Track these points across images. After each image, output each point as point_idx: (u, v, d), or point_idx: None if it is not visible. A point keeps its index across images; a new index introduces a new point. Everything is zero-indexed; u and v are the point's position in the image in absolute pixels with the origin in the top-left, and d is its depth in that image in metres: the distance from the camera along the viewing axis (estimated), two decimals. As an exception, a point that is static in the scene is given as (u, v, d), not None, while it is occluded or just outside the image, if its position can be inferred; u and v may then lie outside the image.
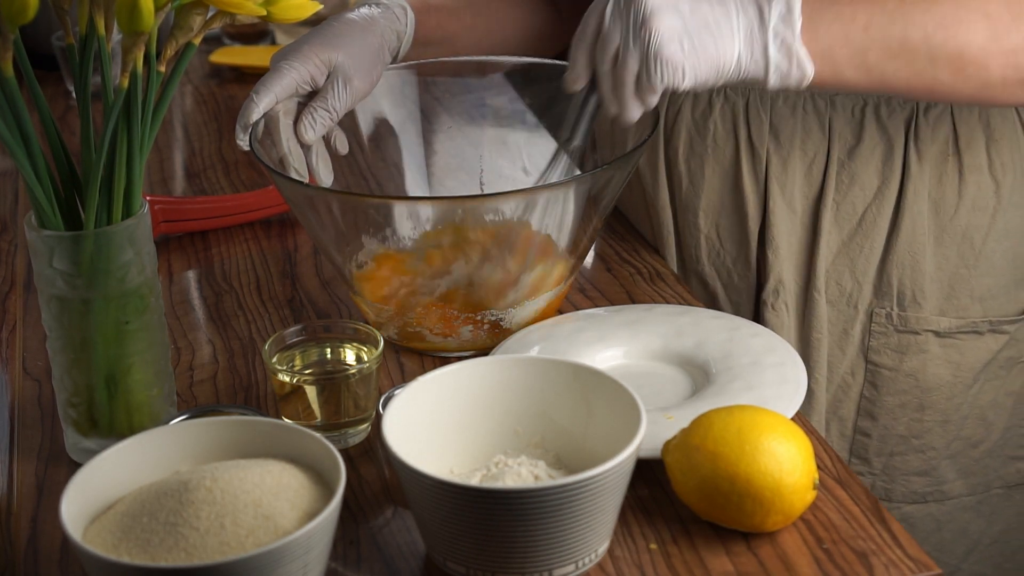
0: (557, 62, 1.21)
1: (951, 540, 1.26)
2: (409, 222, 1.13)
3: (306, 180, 1.12)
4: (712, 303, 1.25)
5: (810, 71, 0.96)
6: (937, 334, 1.20)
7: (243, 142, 1.09)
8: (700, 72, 0.96)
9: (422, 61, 1.24)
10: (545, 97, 1.24)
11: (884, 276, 1.19)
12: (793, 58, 0.96)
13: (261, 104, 1.08)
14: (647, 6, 0.95)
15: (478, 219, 1.11)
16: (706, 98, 1.19)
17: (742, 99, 1.17)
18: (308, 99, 1.13)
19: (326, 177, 1.14)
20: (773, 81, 0.97)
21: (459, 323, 1.09)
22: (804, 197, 1.19)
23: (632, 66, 0.96)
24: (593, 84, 1.03)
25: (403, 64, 1.23)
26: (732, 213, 1.21)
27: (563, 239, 1.11)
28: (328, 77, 1.12)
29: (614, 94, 0.99)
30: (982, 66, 0.97)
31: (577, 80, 1.03)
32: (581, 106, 1.06)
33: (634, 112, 0.99)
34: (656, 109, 1.11)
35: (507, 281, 1.10)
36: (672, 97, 1.21)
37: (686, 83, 0.96)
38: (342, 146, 1.16)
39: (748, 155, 1.18)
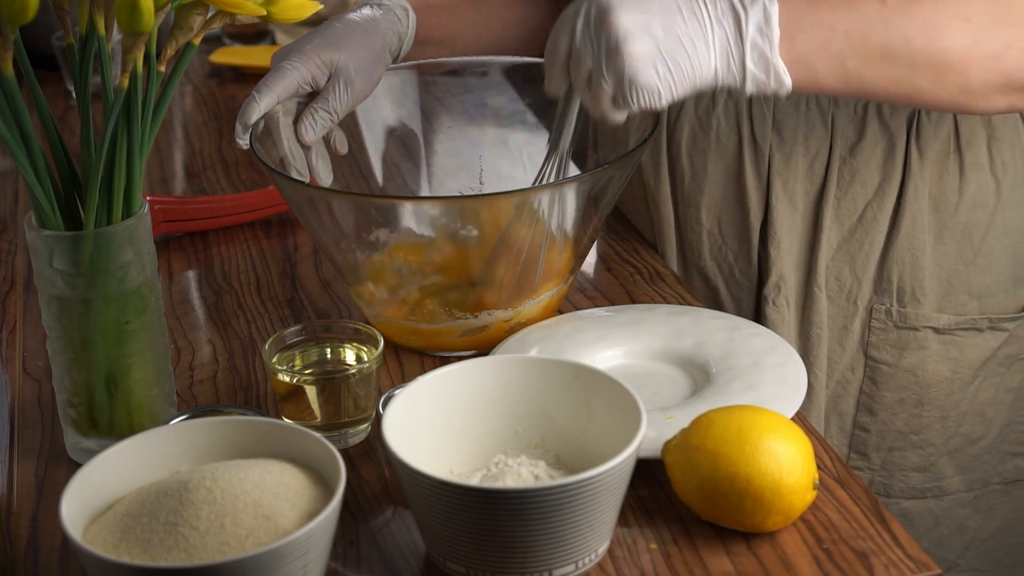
0: None
1: (949, 536, 1.27)
2: (410, 222, 1.13)
3: (307, 180, 1.12)
4: (714, 298, 1.26)
5: (788, 83, 0.95)
6: (936, 331, 1.20)
7: (243, 141, 1.09)
8: (677, 91, 0.94)
9: (422, 61, 1.24)
10: (545, 97, 1.24)
11: (884, 272, 1.19)
12: (771, 71, 0.94)
13: (262, 103, 1.08)
14: (618, 31, 0.93)
15: (479, 219, 1.11)
16: (709, 94, 1.19)
17: (745, 95, 1.17)
18: (308, 99, 1.13)
19: (326, 177, 1.14)
20: (750, 90, 0.95)
21: (458, 321, 1.09)
22: (806, 193, 1.19)
23: (607, 89, 0.95)
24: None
25: (403, 64, 1.23)
26: (734, 208, 1.22)
27: (564, 238, 1.11)
28: (329, 78, 1.12)
29: (593, 108, 0.98)
30: (962, 72, 0.96)
31: (556, 90, 1.02)
32: (563, 113, 1.06)
33: (617, 119, 0.98)
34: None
35: (507, 281, 1.10)
36: None
37: (663, 103, 0.94)
38: (342, 146, 1.16)
39: (751, 151, 1.18)
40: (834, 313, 1.21)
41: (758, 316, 1.23)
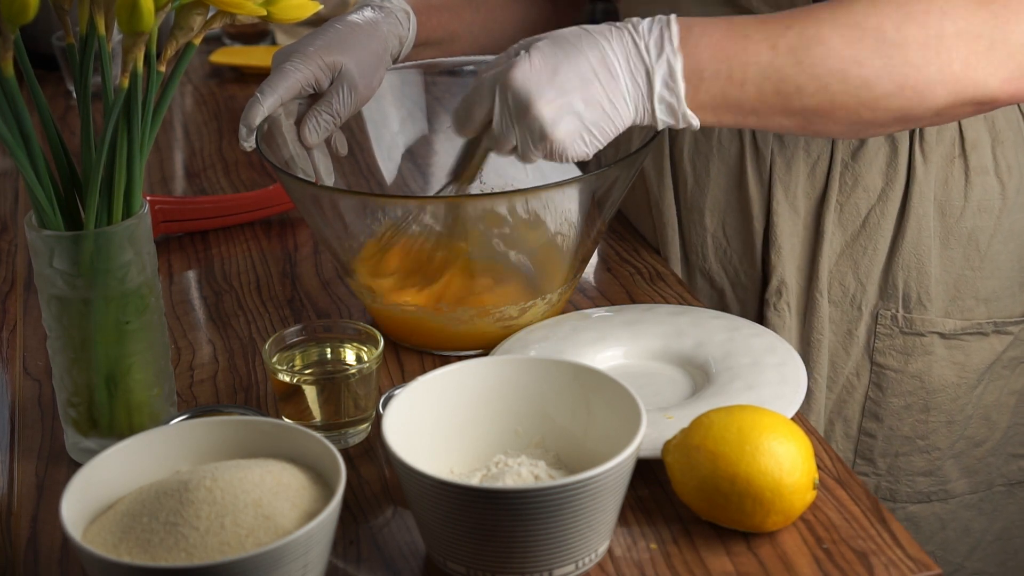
0: None
1: (954, 539, 1.27)
2: (414, 220, 1.13)
3: (312, 180, 1.12)
4: (719, 300, 1.26)
5: (696, 124, 0.98)
6: (942, 336, 1.20)
7: (247, 144, 1.09)
8: (601, 145, 0.98)
9: (423, 61, 1.24)
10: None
11: (889, 278, 1.19)
12: (679, 117, 0.97)
13: (266, 105, 1.08)
14: (543, 122, 0.95)
15: (480, 219, 1.11)
16: None
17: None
18: (310, 101, 1.13)
19: (327, 177, 1.14)
20: (661, 128, 0.99)
21: (459, 320, 1.09)
22: (807, 198, 1.19)
23: (537, 159, 0.98)
24: None
25: (405, 64, 1.23)
26: (737, 213, 1.22)
27: (567, 240, 1.11)
28: (333, 82, 1.12)
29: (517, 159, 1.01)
30: (855, 111, 0.97)
31: (466, 137, 1.04)
32: (471, 151, 1.08)
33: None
34: None
35: (507, 282, 1.10)
36: None
37: (589, 158, 0.98)
38: (342, 147, 1.16)
39: (752, 155, 1.18)
40: (838, 318, 1.21)
41: (760, 320, 1.22)
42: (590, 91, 0.95)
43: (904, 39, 0.95)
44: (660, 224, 1.26)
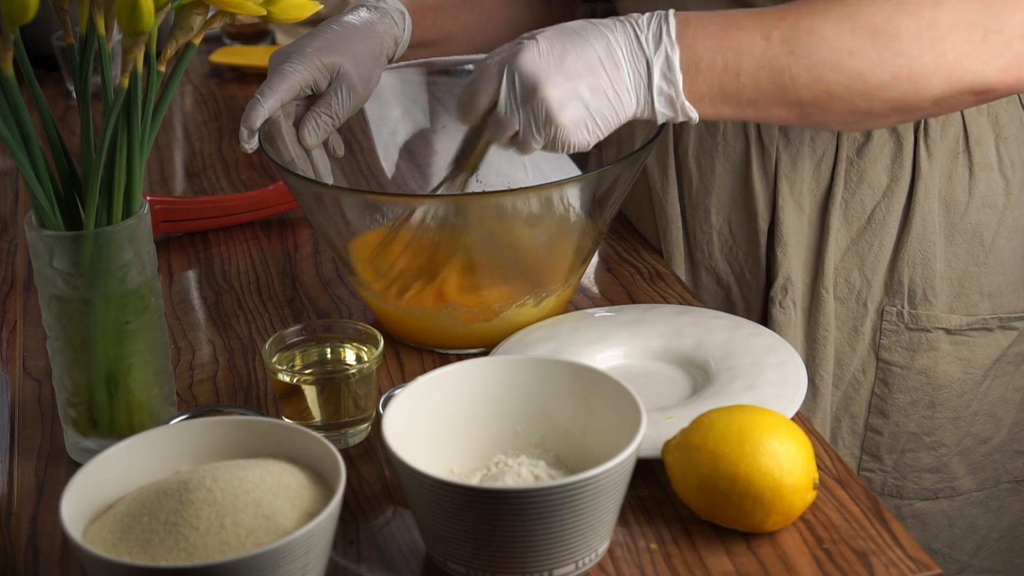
0: None
1: (961, 536, 1.27)
2: (415, 219, 1.13)
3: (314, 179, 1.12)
4: (725, 297, 1.26)
5: (695, 116, 0.99)
6: (948, 331, 1.20)
7: (249, 145, 1.09)
8: (602, 136, 0.99)
9: (423, 60, 1.24)
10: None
11: (895, 274, 1.19)
12: (678, 109, 0.99)
13: (266, 106, 1.08)
14: (550, 105, 0.97)
15: (480, 218, 1.11)
16: None
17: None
18: (307, 102, 1.13)
19: (326, 179, 1.15)
20: (661, 121, 1.00)
21: (460, 318, 1.09)
22: (812, 195, 1.19)
23: (535, 147, 1.00)
24: None
25: (403, 63, 1.23)
26: (742, 210, 1.22)
27: (568, 240, 1.11)
28: (331, 83, 1.12)
29: (515, 150, 1.02)
30: (848, 101, 0.98)
31: (469, 124, 1.05)
32: (473, 139, 1.08)
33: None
34: None
35: (508, 282, 1.10)
36: None
37: (589, 148, 1.00)
38: (339, 148, 1.16)
39: (758, 153, 1.18)
40: (844, 315, 1.21)
41: (765, 317, 1.23)
42: (596, 79, 0.97)
43: (896, 30, 0.96)
44: (664, 222, 1.26)
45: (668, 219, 1.26)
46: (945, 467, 1.25)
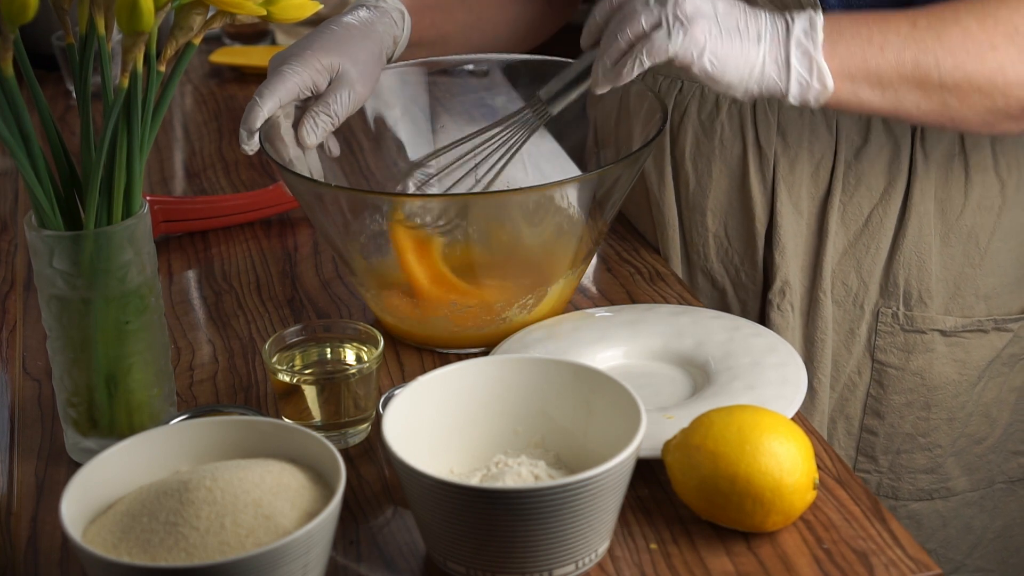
0: (558, 59, 1.21)
1: (956, 536, 1.27)
2: (415, 217, 1.13)
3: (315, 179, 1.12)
4: (721, 300, 1.26)
5: (831, 85, 0.98)
6: (943, 333, 1.20)
7: (249, 147, 1.09)
8: (718, 64, 0.97)
9: (422, 60, 1.24)
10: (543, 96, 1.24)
11: (890, 276, 1.19)
12: (814, 70, 0.98)
13: (265, 107, 1.08)
14: (683, 8, 0.96)
15: (481, 217, 1.11)
16: (713, 99, 1.19)
17: (750, 101, 1.17)
18: (306, 103, 1.13)
19: (321, 179, 1.15)
20: (794, 92, 0.98)
21: (460, 317, 1.09)
22: (810, 198, 1.19)
23: (645, 61, 0.98)
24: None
25: (404, 63, 1.23)
26: (739, 213, 1.21)
27: (568, 240, 1.11)
28: (330, 83, 1.12)
29: (604, 72, 1.00)
30: (989, 95, 1.00)
31: (586, 42, 1.04)
32: (571, 77, 1.08)
33: (604, 89, 1.01)
34: (664, 107, 1.11)
35: (508, 281, 1.10)
36: (679, 98, 1.21)
37: (699, 66, 0.97)
38: (334, 149, 1.16)
39: (756, 156, 1.18)
40: (840, 317, 1.21)
41: (763, 320, 1.23)
42: (731, 8, 0.98)
43: None
44: (661, 224, 1.26)
45: (665, 221, 1.26)
46: (940, 468, 1.24)
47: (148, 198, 1.29)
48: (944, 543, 1.27)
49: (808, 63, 0.97)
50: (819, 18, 0.98)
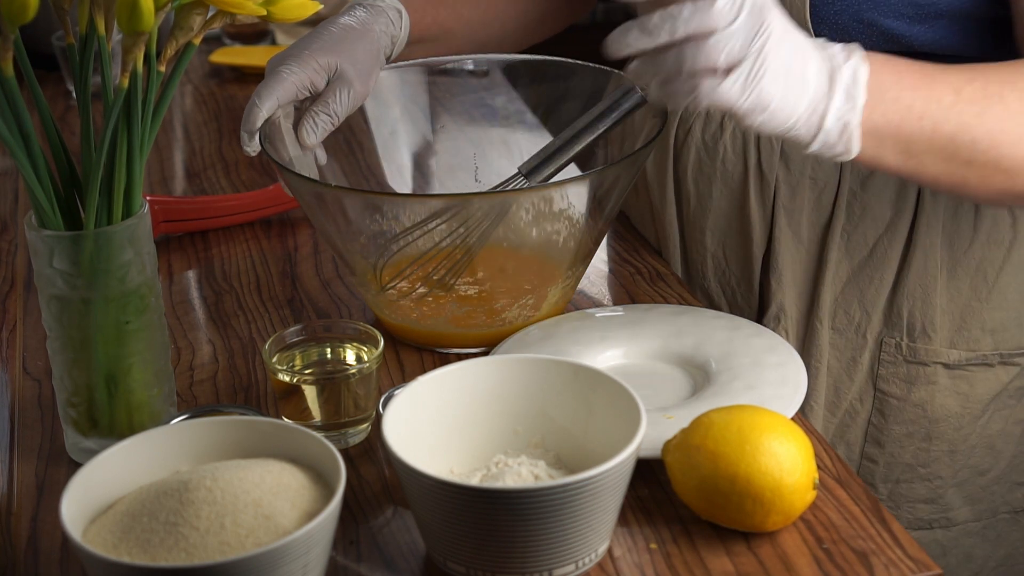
0: (558, 59, 1.21)
1: (956, 565, 1.25)
2: (415, 217, 1.13)
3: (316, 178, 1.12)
4: None
5: (856, 150, 0.92)
6: (946, 366, 1.18)
7: (250, 148, 1.09)
8: (764, 119, 0.89)
9: (422, 60, 1.24)
10: (546, 95, 1.24)
11: (894, 307, 1.17)
12: (845, 135, 0.92)
13: (264, 108, 1.08)
14: (773, 32, 0.87)
15: (481, 217, 1.11)
16: (718, 119, 1.18)
17: (805, 151, 1.13)
18: (304, 104, 1.13)
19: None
20: (815, 148, 0.92)
21: (460, 317, 1.09)
22: (812, 226, 1.17)
23: (726, 85, 0.87)
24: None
25: (403, 63, 1.23)
26: (738, 236, 1.21)
27: (568, 240, 1.11)
28: (329, 83, 1.12)
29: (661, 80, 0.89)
30: (1011, 177, 0.95)
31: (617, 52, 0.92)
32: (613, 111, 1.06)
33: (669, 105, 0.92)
34: (664, 108, 1.10)
35: (508, 281, 1.10)
36: (684, 114, 1.20)
37: (748, 120, 0.89)
38: (321, 157, 1.16)
39: (757, 180, 1.17)
40: (842, 345, 1.20)
41: None
42: (781, 48, 0.87)
43: None
44: (663, 236, 1.26)
45: (667, 234, 1.26)
46: (940, 498, 1.23)
47: (148, 198, 1.28)
48: (944, 572, 1.25)
49: (841, 128, 0.91)
50: (863, 71, 0.91)
